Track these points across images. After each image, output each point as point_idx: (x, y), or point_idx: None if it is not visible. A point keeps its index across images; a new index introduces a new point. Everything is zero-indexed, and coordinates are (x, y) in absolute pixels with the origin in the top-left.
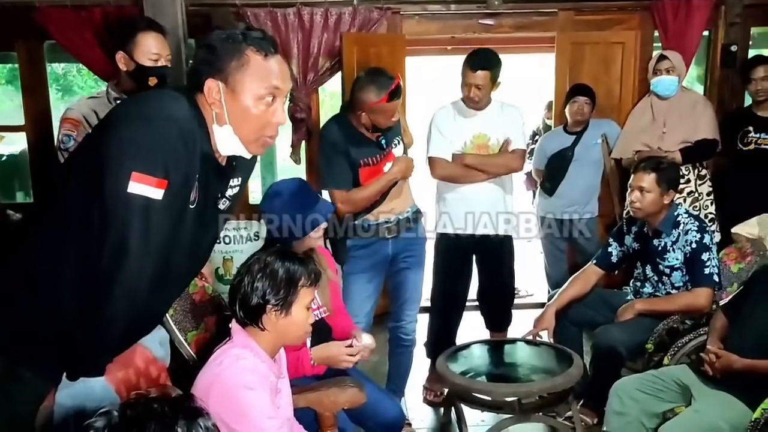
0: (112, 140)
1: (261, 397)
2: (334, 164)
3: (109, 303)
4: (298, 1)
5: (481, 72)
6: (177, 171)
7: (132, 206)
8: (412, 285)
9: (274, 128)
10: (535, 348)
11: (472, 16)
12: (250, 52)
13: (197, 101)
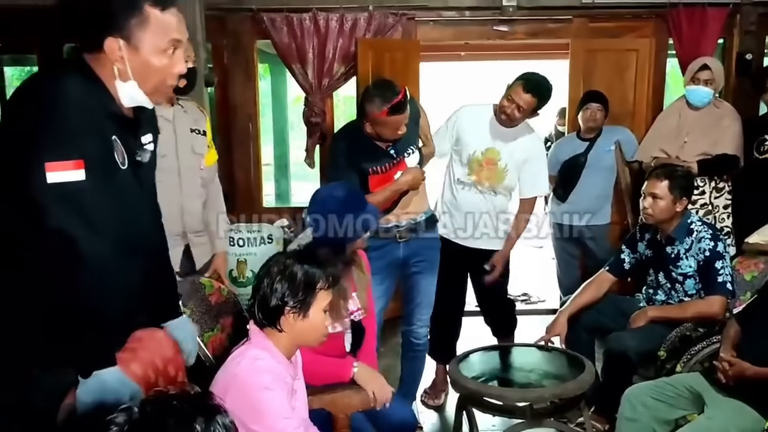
0: (12, 137)
1: (277, 397)
2: (340, 170)
3: (81, 293)
4: (313, 7)
5: (530, 97)
6: (88, 144)
7: (59, 196)
8: (423, 289)
9: (174, 77)
10: (547, 354)
11: (486, 23)
12: (148, 7)
13: (90, 61)
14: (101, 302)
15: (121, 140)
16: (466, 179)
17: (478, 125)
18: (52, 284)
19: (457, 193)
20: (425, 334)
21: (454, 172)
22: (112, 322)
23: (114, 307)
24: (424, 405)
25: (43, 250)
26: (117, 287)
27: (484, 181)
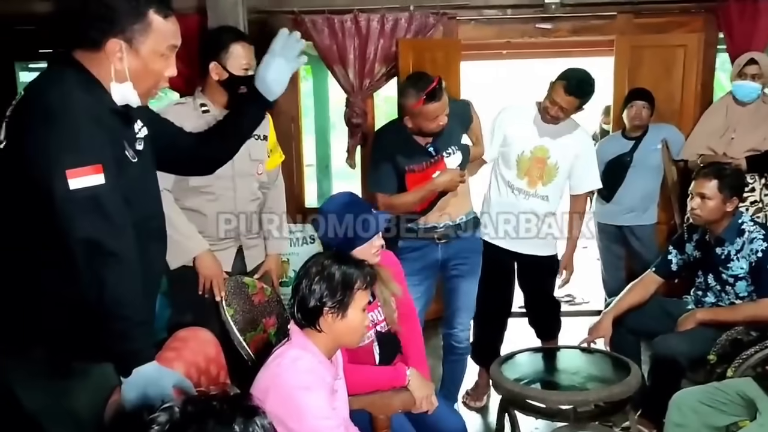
0: (30, 149)
1: (318, 397)
2: (379, 168)
3: (109, 294)
4: (355, 8)
5: (572, 98)
6: (103, 147)
7: (82, 201)
8: (463, 294)
9: (166, 80)
10: (591, 356)
11: (528, 21)
12: (152, 14)
13: (84, 60)
14: (132, 299)
15: (124, 135)
16: (516, 181)
17: (523, 124)
18: (85, 284)
19: (506, 196)
20: (466, 338)
21: (503, 175)
22: (143, 318)
23: (142, 303)
24: (465, 406)
25: (72, 253)
26: (141, 277)
27: (536, 181)
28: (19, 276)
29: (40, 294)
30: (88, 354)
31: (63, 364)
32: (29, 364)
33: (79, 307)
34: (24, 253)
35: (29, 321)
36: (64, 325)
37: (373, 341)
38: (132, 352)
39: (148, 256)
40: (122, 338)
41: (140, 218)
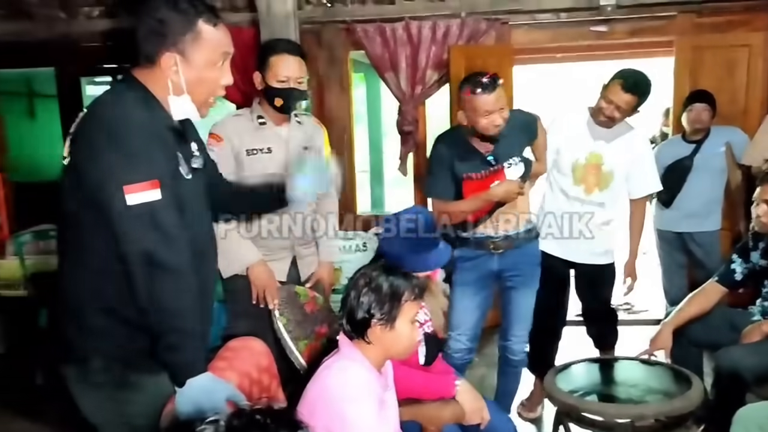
0: (91, 165)
1: (367, 409)
2: (437, 174)
3: (163, 303)
4: (406, 16)
5: (630, 96)
6: (159, 165)
7: (139, 216)
8: (518, 306)
9: (222, 89)
10: (651, 368)
11: (583, 24)
12: (201, 23)
13: (143, 77)
14: (185, 312)
15: (180, 152)
16: (572, 189)
17: (575, 132)
18: (141, 297)
19: (562, 204)
20: (522, 350)
21: (558, 183)
22: (197, 330)
23: (195, 316)
24: (519, 417)
25: (128, 266)
26: (196, 296)
27: (592, 188)
28: (78, 288)
29: (97, 306)
30: (143, 367)
31: (119, 376)
32: (87, 374)
33: (134, 320)
34: (83, 266)
35: (87, 332)
36: (120, 338)
37: (420, 342)
38: (185, 363)
39: (202, 270)
40: (176, 350)
41: (193, 233)
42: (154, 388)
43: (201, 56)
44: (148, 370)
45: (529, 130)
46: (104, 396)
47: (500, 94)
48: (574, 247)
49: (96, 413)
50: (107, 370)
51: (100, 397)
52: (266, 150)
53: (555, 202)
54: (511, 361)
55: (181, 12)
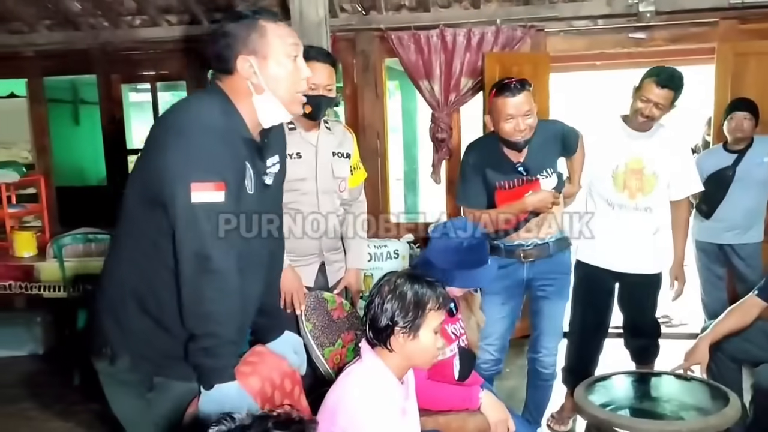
0: (163, 160)
1: (387, 418)
2: (469, 182)
3: (207, 307)
4: (441, 23)
5: (666, 91)
6: (229, 170)
7: (201, 214)
8: (549, 316)
9: (304, 83)
10: (686, 383)
11: (621, 30)
12: (263, 22)
13: (224, 88)
14: (226, 317)
15: (250, 165)
16: (615, 196)
17: (610, 140)
18: (185, 296)
19: (606, 213)
20: (552, 363)
21: (600, 193)
22: (233, 337)
23: (235, 323)
24: (549, 430)
25: (180, 263)
26: (238, 304)
27: (635, 193)
28: (121, 285)
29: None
30: (170, 371)
31: (146, 377)
32: (117, 371)
33: (168, 325)
34: (129, 265)
35: (122, 330)
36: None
37: (455, 355)
38: (217, 368)
39: (249, 285)
40: (210, 354)
41: (247, 246)
42: (179, 393)
43: (272, 50)
44: (174, 374)
45: (566, 144)
46: (131, 394)
47: (526, 99)
48: (621, 257)
49: (121, 410)
50: (136, 369)
51: (127, 395)
52: (296, 155)
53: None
54: (542, 374)
55: (241, 17)
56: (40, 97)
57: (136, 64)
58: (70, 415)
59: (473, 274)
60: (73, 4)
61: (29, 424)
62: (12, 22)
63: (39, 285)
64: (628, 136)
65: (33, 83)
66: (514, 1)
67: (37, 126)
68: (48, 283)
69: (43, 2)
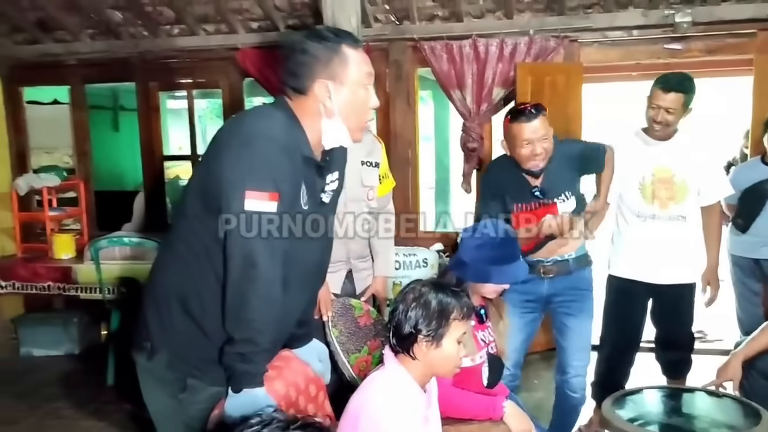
0: (222, 165)
1: (409, 425)
2: (488, 201)
3: (248, 314)
4: (473, 33)
5: (673, 94)
6: (284, 182)
7: (251, 221)
8: (574, 333)
9: (371, 112)
10: (717, 400)
11: (656, 41)
12: (345, 48)
13: (293, 105)
14: (262, 325)
15: (307, 183)
16: (646, 208)
17: (632, 152)
18: (229, 300)
19: (638, 226)
20: (582, 387)
21: (630, 207)
22: (267, 345)
23: (272, 333)
24: None
25: (227, 268)
26: (278, 316)
27: (667, 203)
28: (168, 284)
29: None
30: (202, 374)
31: (180, 376)
32: (154, 366)
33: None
34: (179, 265)
35: (164, 327)
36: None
37: (484, 362)
38: (249, 373)
39: (294, 297)
40: (245, 359)
41: (294, 260)
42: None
43: (350, 78)
44: (208, 378)
45: (587, 163)
46: (164, 392)
47: (542, 124)
48: (657, 268)
49: (154, 405)
50: (171, 368)
51: (161, 392)
52: None
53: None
54: (570, 398)
55: (325, 40)
56: (81, 103)
57: (174, 72)
58: (104, 414)
59: (507, 269)
60: (114, 14)
61: (63, 423)
62: (56, 31)
63: (76, 287)
64: (650, 146)
65: (75, 90)
66: (548, 12)
67: (78, 132)
68: (85, 284)
69: (86, 12)
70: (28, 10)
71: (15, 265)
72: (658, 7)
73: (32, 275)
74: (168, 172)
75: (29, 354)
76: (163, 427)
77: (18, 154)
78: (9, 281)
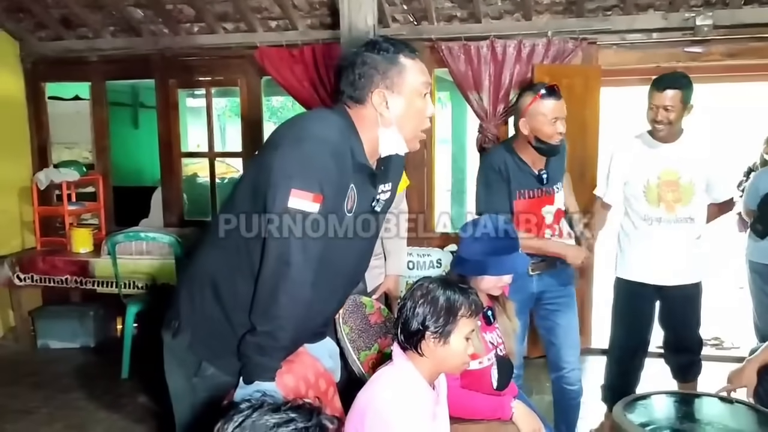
0: (273, 161)
1: (414, 422)
2: (493, 189)
3: (275, 309)
4: (491, 34)
5: (670, 92)
6: (330, 185)
7: (292, 219)
8: (566, 329)
9: (427, 121)
10: (730, 406)
11: (676, 44)
12: (402, 59)
13: (350, 113)
14: (287, 322)
15: (359, 190)
16: (652, 211)
17: (638, 155)
18: (259, 293)
19: (645, 230)
20: (578, 378)
21: (637, 211)
22: (287, 342)
23: (294, 332)
24: None
25: (262, 262)
26: (303, 316)
27: (673, 205)
28: (205, 267)
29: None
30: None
31: (198, 360)
32: (177, 346)
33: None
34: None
35: (192, 309)
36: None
37: (492, 364)
38: (264, 366)
39: (325, 300)
40: (262, 352)
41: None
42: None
43: (407, 87)
44: (223, 367)
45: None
46: (182, 374)
47: (563, 104)
48: (665, 270)
49: (172, 384)
50: (192, 350)
51: (178, 374)
52: None
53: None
54: (568, 392)
55: (384, 51)
56: (102, 100)
57: (193, 70)
58: (118, 407)
59: (504, 260)
60: (135, 11)
61: (78, 414)
62: (79, 27)
63: (93, 280)
64: (654, 149)
65: (96, 87)
66: (567, 13)
67: (98, 128)
68: (101, 278)
69: (108, 9)
70: (51, 7)
71: (34, 258)
72: (678, 9)
73: (50, 268)
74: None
75: (46, 346)
76: (178, 406)
77: (39, 149)
78: (28, 274)
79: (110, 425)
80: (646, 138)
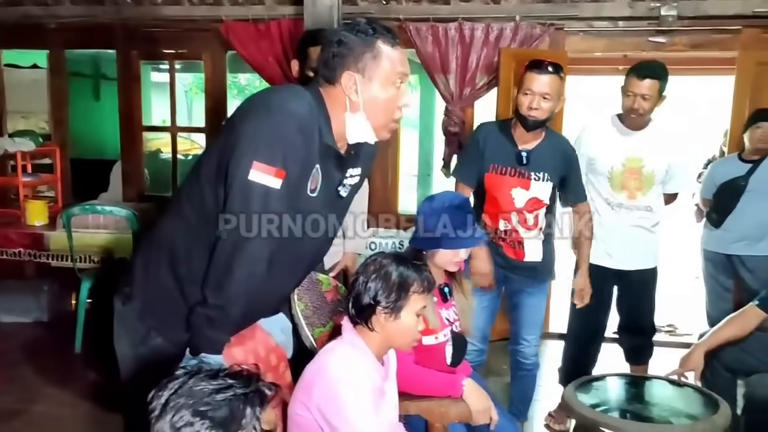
0: (238, 131)
1: (361, 396)
2: (466, 158)
3: (228, 283)
4: (459, 16)
5: (648, 81)
6: (295, 162)
7: (252, 193)
8: (531, 309)
9: (400, 111)
10: (678, 389)
11: (642, 34)
12: (380, 44)
13: (323, 93)
14: (240, 297)
15: (323, 171)
16: (614, 196)
17: (606, 138)
18: (213, 266)
19: (606, 214)
20: (534, 354)
21: (599, 192)
22: (238, 318)
23: (245, 308)
24: (547, 429)
25: (221, 233)
26: (257, 291)
27: (635, 193)
28: (161, 236)
29: (166, 260)
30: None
31: (146, 330)
32: (127, 314)
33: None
34: (178, 220)
35: (147, 277)
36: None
37: (447, 341)
38: (212, 339)
39: (281, 280)
40: (211, 325)
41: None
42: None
43: (379, 75)
44: (170, 339)
45: (570, 160)
46: (128, 342)
47: (551, 82)
48: (624, 254)
49: (119, 351)
50: (141, 319)
51: (125, 342)
52: None
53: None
54: (523, 364)
55: (362, 33)
56: (60, 69)
57: (156, 42)
58: (68, 383)
59: (461, 234)
60: None
61: (27, 389)
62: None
63: (48, 254)
64: (623, 135)
65: (54, 55)
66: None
67: (55, 97)
68: (56, 252)
69: None
70: None
71: None
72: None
73: (3, 240)
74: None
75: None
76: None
77: None
78: None
79: (59, 401)
80: (616, 122)
